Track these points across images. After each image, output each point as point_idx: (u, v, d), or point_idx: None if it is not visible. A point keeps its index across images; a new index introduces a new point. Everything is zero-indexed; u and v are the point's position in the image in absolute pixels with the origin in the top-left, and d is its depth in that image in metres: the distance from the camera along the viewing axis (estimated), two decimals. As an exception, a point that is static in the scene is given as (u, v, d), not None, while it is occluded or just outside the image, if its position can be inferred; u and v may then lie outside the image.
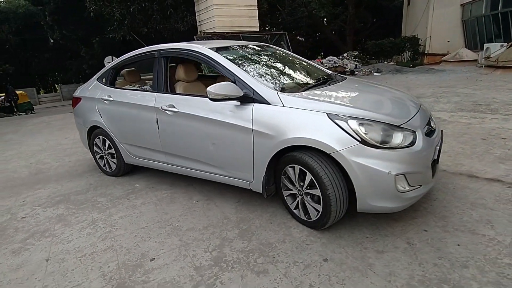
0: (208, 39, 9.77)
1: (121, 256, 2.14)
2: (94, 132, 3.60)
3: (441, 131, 2.56)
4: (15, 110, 16.55)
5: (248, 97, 2.28)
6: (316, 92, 2.34)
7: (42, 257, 2.20)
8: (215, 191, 2.99)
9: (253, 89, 2.28)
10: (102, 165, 3.73)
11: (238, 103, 2.33)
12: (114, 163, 3.55)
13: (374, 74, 13.17)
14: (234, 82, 2.37)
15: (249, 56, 2.88)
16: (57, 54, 27.82)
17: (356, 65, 15.32)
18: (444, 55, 14.39)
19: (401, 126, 1.98)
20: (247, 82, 2.32)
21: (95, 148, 3.70)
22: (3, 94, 19.06)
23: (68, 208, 2.95)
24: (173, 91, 2.97)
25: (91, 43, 18.64)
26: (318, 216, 2.12)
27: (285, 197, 2.37)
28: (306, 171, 2.07)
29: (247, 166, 2.39)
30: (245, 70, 2.46)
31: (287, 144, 2.11)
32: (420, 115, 2.22)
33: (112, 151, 3.49)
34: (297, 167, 2.13)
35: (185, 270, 1.94)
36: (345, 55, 18.02)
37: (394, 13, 21.80)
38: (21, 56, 29.27)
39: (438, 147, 2.16)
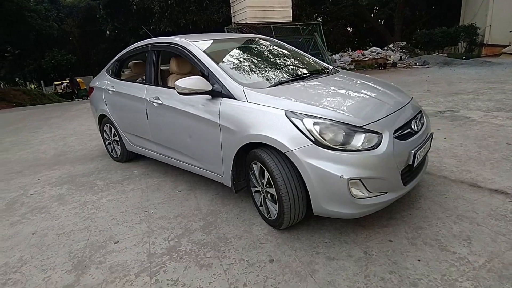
0: (239, 31, 9.80)
1: (93, 236, 2.30)
2: (103, 120, 3.87)
3: (431, 133, 2.31)
4: (74, 96, 19.05)
5: (217, 92, 2.27)
6: (285, 87, 2.25)
7: (31, 231, 2.46)
8: (200, 183, 3.05)
9: (223, 84, 2.26)
10: (110, 151, 4.01)
11: (210, 97, 2.33)
12: (119, 149, 3.79)
13: (419, 66, 12.14)
14: (208, 76, 2.38)
15: (236, 50, 2.86)
16: (112, 45, 29.99)
17: (400, 56, 14.24)
18: (505, 46, 12.73)
19: (363, 127, 1.83)
20: (217, 77, 2.31)
21: (104, 135, 3.98)
22: (67, 81, 21.61)
23: (70, 188, 3.24)
24: (165, 84, 3.06)
25: (139, 34, 19.75)
26: (276, 216, 2.07)
27: (253, 194, 2.34)
28: (265, 169, 2.02)
29: (217, 160, 2.40)
30: (223, 65, 2.44)
31: (249, 140, 2.07)
32: (397, 115, 2.02)
33: (117, 138, 3.72)
34: (258, 165, 2.09)
35: (139, 255, 2.03)
36: (391, 46, 16.85)
37: (455, 0, 19.67)
38: (82, 47, 32.17)
39: (414, 151, 1.95)
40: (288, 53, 3.06)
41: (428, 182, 2.65)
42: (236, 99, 2.18)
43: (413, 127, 2.08)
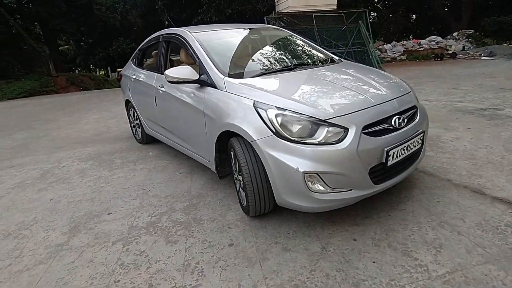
0: (279, 20, 9.70)
1: (94, 206, 2.62)
2: (128, 105, 4.24)
3: (422, 131, 2.13)
4: None
5: (203, 81, 2.37)
6: (265, 78, 2.26)
7: (50, 197, 2.87)
8: (200, 167, 3.22)
9: (208, 73, 2.36)
10: (134, 133, 4.39)
11: (199, 85, 2.45)
12: (140, 132, 4.14)
13: (483, 58, 10.79)
14: (199, 66, 2.49)
15: (236, 41, 2.90)
16: (170, 34, 31.75)
17: (463, 46, 12.76)
18: None
19: (327, 120, 1.78)
20: (205, 66, 2.40)
21: (130, 118, 4.37)
22: None
23: (93, 164, 3.66)
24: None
25: (191, 24, 20.62)
26: (245, 203, 2.13)
27: (234, 181, 2.42)
28: (237, 157, 2.09)
29: (205, 146, 2.52)
30: (214, 55, 2.52)
31: (225, 128, 2.14)
32: (372, 110, 1.90)
33: (138, 122, 4.07)
34: (233, 152, 2.16)
35: (123, 226, 2.27)
36: (455, 34, 15.20)
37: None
38: (145, 36, 34.59)
39: (387, 149, 1.84)
40: (291, 43, 3.02)
41: (426, 184, 2.46)
42: (217, 88, 2.26)
43: (393, 123, 1.94)
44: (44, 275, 1.82)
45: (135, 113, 4.05)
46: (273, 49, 2.88)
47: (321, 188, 1.79)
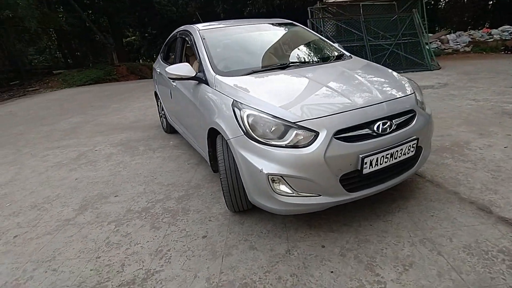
0: (324, 10, 9.33)
1: (106, 188, 2.92)
2: (156, 96, 4.56)
3: (415, 138, 1.95)
4: None
5: (200, 78, 2.47)
6: (253, 77, 2.26)
7: (76, 177, 3.27)
8: (208, 159, 3.36)
9: (204, 70, 2.44)
10: (161, 123, 4.71)
11: (197, 82, 2.55)
12: (165, 122, 4.43)
13: None
14: (198, 62, 2.59)
15: (242, 38, 2.93)
16: (224, 25, 32.47)
17: (545, 37, 10.89)
18: None
19: (297, 123, 1.74)
20: (202, 63, 2.49)
21: (158, 109, 4.69)
22: None
23: (120, 150, 4.04)
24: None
25: (244, 15, 20.83)
26: (226, 198, 2.21)
27: (226, 176, 2.50)
28: (216, 154, 2.16)
29: (201, 140, 2.63)
30: (213, 52, 2.58)
31: (211, 125, 2.22)
32: (352, 114, 1.80)
33: (163, 112, 4.35)
34: (219, 149, 2.24)
35: (122, 209, 2.51)
36: (536, 22, 13.01)
37: None
38: (201, 28, 35.89)
39: (363, 156, 1.74)
40: (299, 38, 2.94)
41: (427, 195, 2.26)
42: (209, 85, 2.34)
43: (375, 128, 1.82)
44: (47, 244, 2.13)
45: (161, 104, 4.34)
46: (275, 45, 2.84)
47: (288, 191, 1.77)
